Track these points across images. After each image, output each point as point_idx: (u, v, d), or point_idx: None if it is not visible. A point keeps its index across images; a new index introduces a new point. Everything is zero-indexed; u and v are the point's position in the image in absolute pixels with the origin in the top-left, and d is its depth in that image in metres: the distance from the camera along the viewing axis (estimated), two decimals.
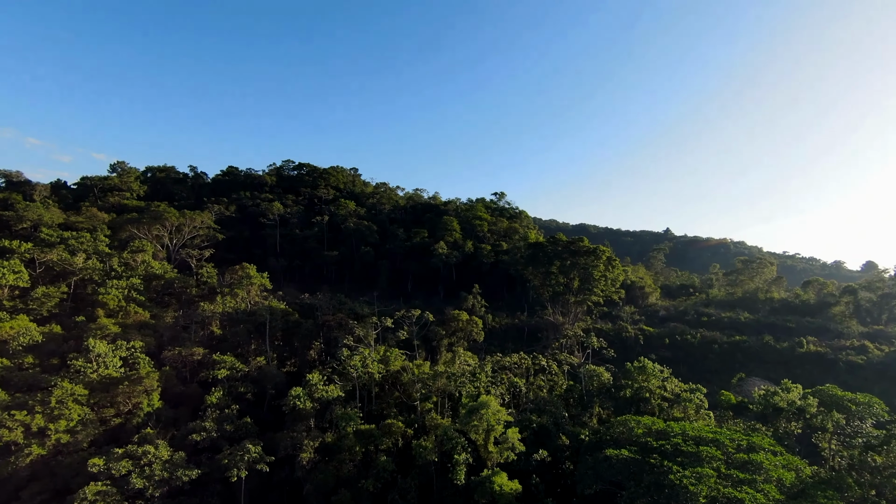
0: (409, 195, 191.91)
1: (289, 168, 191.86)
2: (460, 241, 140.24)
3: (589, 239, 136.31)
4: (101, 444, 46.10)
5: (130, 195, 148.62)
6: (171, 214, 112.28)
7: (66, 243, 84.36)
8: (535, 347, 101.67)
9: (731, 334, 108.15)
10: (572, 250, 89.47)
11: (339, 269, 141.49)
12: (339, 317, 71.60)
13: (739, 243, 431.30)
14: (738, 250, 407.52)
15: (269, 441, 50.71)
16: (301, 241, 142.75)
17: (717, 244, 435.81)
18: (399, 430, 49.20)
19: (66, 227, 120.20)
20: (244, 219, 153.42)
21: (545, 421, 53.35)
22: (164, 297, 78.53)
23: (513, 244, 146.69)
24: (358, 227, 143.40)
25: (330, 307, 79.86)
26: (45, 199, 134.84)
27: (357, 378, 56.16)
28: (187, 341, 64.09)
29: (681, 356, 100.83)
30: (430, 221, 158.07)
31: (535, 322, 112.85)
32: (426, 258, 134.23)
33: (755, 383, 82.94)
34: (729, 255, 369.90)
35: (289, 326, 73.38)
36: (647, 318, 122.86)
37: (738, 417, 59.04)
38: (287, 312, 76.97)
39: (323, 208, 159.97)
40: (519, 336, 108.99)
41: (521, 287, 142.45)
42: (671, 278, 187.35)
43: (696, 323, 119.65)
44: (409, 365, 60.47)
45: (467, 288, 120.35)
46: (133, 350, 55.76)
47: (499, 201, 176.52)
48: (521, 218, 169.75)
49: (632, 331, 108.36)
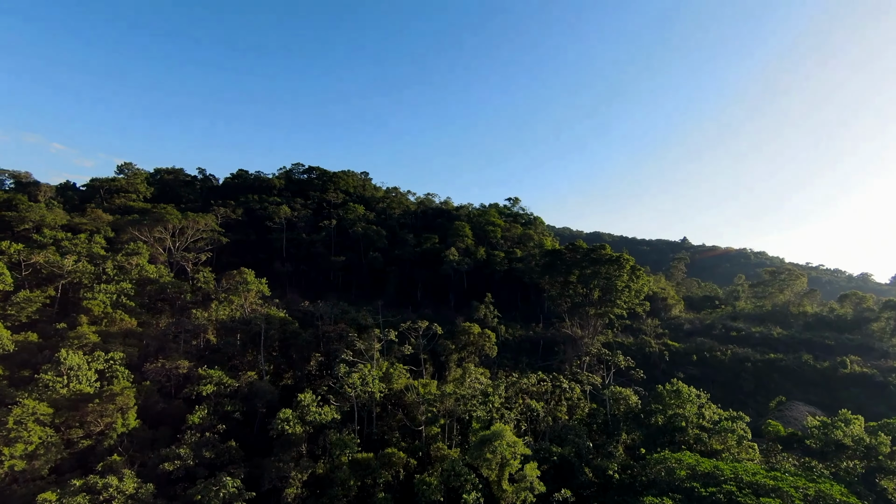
0: (420, 200, 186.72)
1: (298, 171, 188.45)
2: (472, 247, 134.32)
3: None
4: (66, 471, 40.93)
5: (137, 197, 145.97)
6: (172, 216, 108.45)
7: (58, 245, 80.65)
8: (552, 362, 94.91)
9: (765, 351, 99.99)
10: (593, 258, 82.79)
11: (347, 275, 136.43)
12: (341, 327, 66.03)
13: (760, 253, 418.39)
14: (759, 261, 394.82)
15: (256, 468, 45.14)
16: (308, 245, 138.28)
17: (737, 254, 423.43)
18: (400, 460, 43.16)
19: (69, 228, 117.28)
20: (251, 222, 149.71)
21: (567, 452, 46.84)
22: (156, 302, 73.90)
23: (527, 251, 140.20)
24: (366, 232, 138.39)
25: (332, 316, 74.35)
26: (49, 201, 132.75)
27: (356, 398, 50.37)
28: (175, 352, 59.05)
29: (710, 375, 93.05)
30: (442, 227, 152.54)
31: (551, 334, 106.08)
32: (437, 265, 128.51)
33: (797, 408, 75.03)
34: (749, 266, 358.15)
35: (286, 337, 67.99)
36: (672, 332, 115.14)
37: (787, 451, 51.85)
38: (286, 321, 71.68)
39: (331, 212, 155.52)
40: (534, 349, 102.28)
41: (535, 296, 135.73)
42: (693, 289, 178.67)
43: (725, 338, 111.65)
44: (415, 383, 54.50)
45: (479, 297, 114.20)
46: (112, 362, 50.79)
47: (513, 207, 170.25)
48: (535, 224, 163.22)
49: (655, 346, 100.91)
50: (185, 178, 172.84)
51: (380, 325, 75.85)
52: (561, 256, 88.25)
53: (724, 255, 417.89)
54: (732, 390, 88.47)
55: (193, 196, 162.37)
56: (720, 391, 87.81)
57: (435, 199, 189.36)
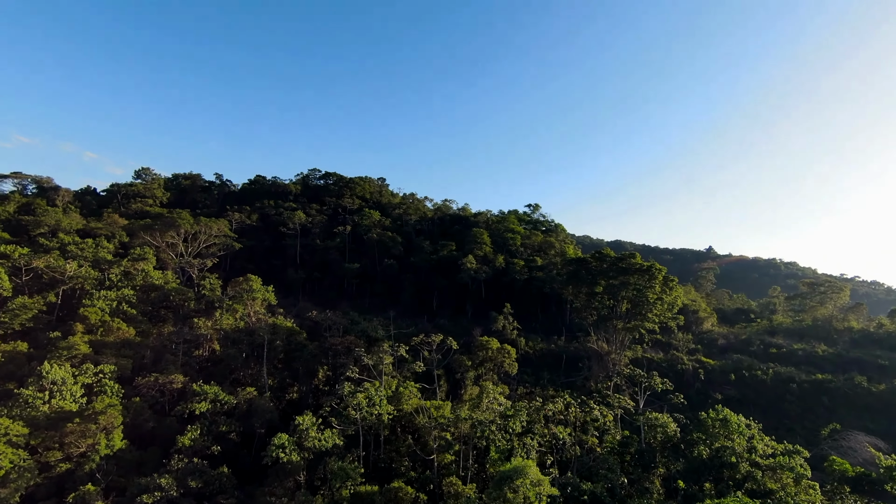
0: (437, 206, 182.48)
1: (315, 177, 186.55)
2: (490, 255, 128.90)
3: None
4: (40, 499, 37.10)
5: (153, 202, 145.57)
6: (184, 221, 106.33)
7: (64, 249, 78.65)
8: (575, 378, 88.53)
9: (811, 371, 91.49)
10: (622, 268, 76.54)
11: (361, 282, 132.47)
12: (349, 340, 61.51)
13: (791, 264, 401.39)
14: (790, 271, 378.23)
15: (250, 497, 40.64)
16: (322, 252, 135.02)
17: (766, 264, 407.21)
18: (408, 496, 38.00)
19: (84, 233, 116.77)
20: (266, 228, 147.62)
21: (599, 490, 40.90)
22: (160, 310, 70.76)
23: (548, 260, 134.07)
24: (381, 239, 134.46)
25: (341, 327, 70.01)
26: (67, 205, 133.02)
27: (361, 420, 45.53)
28: (173, 364, 55.34)
29: (750, 396, 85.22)
30: (459, 234, 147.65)
31: (575, 348, 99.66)
32: (453, 273, 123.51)
33: (855, 438, 66.98)
34: (780, 277, 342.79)
35: (292, 349, 63.86)
36: (705, 348, 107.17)
37: (856, 492, 44.76)
38: (293, 332, 67.67)
39: (346, 218, 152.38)
40: (556, 364, 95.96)
41: (556, 307, 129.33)
42: (725, 301, 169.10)
43: (764, 355, 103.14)
44: (427, 404, 49.39)
45: (498, 306, 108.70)
46: (101, 375, 47.18)
47: (533, 213, 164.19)
48: (556, 232, 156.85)
49: (688, 362, 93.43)
50: (203, 183, 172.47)
51: (391, 336, 71.13)
52: (586, 265, 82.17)
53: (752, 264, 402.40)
54: (776, 415, 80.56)
55: (210, 201, 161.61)
56: (762, 415, 79.95)
57: (452, 206, 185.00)
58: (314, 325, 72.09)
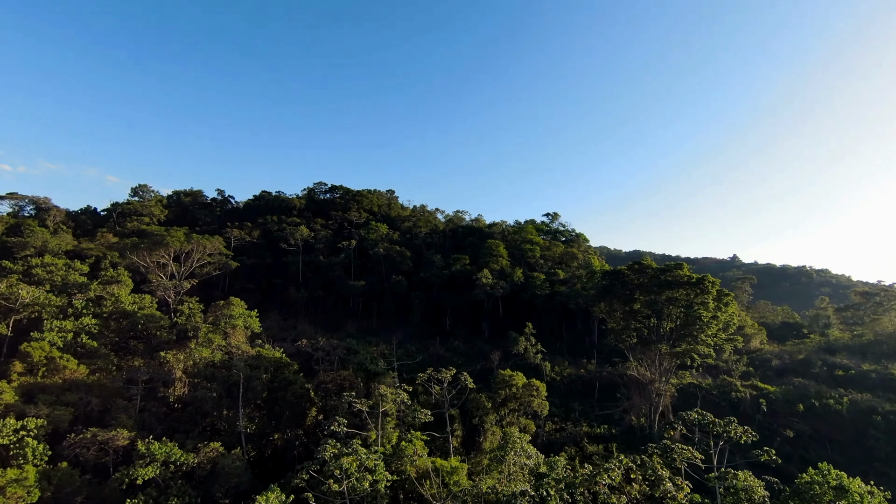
0: (448, 217, 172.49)
1: (321, 191, 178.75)
2: (508, 268, 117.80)
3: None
4: None
5: (150, 220, 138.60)
6: (174, 239, 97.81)
7: (29, 272, 70.15)
8: (612, 411, 76.15)
9: (892, 399, 77.40)
10: (667, 281, 64.77)
11: (367, 301, 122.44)
12: (343, 376, 50.83)
13: (823, 271, 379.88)
14: (823, 279, 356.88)
15: None
16: (325, 269, 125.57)
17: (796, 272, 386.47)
18: None
19: (74, 254, 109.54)
20: (268, 245, 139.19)
21: None
22: (128, 341, 61.25)
23: (571, 272, 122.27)
24: (388, 253, 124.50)
25: (336, 356, 59.43)
26: (58, 225, 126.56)
27: (350, 490, 34.58)
28: (125, 411, 45.26)
29: (825, 431, 71.56)
30: (473, 246, 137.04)
31: (608, 374, 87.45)
32: (467, 289, 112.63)
33: None
34: (812, 286, 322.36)
35: (276, 386, 53.40)
36: (758, 370, 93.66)
37: None
38: (281, 364, 57.36)
39: (352, 232, 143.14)
40: (587, 392, 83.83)
41: (583, 324, 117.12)
42: (767, 315, 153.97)
43: (829, 378, 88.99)
44: (437, 464, 38.24)
45: (517, 325, 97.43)
46: (25, 433, 37.23)
47: (551, 223, 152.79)
48: (578, 241, 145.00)
49: (743, 389, 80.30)
50: (204, 200, 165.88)
51: (394, 367, 60.15)
52: (623, 279, 70.44)
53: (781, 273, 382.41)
54: (860, 455, 66.81)
55: (210, 218, 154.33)
56: (842, 455, 66.75)
57: (465, 217, 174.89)
58: (306, 355, 61.72)
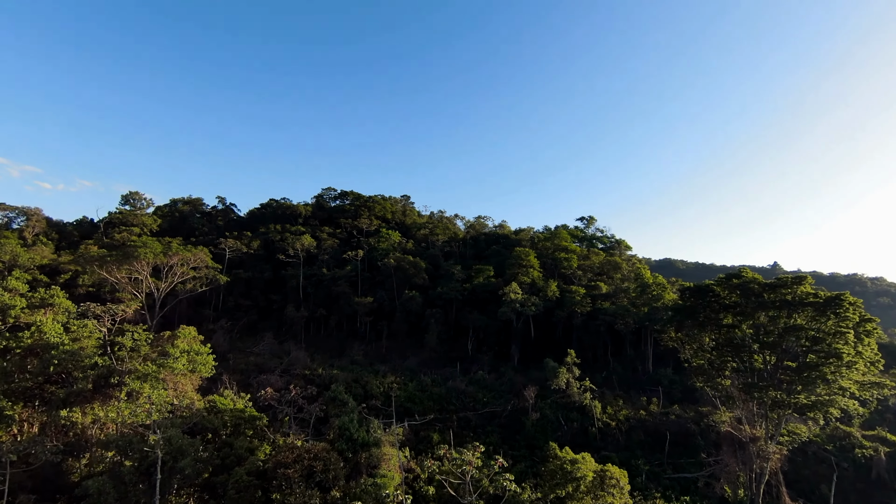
0: (469, 224, 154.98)
1: (330, 196, 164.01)
2: (540, 281, 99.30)
3: (679, 277, 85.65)
4: None
5: (140, 230, 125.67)
6: (147, 251, 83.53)
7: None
8: (696, 475, 56.47)
9: None
10: (782, 301, 45.67)
11: (376, 320, 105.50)
12: (315, 451, 33.44)
13: (878, 280, 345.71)
14: (880, 288, 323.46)
15: None
16: (328, 283, 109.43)
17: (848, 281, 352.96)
18: None
19: (50, 269, 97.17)
20: (268, 256, 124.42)
21: None
22: (44, 386, 45.45)
23: (615, 285, 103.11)
24: (400, 264, 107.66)
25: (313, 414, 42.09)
26: (37, 237, 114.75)
27: None
28: None
29: None
30: (497, 255, 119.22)
31: (677, 420, 67.80)
32: (493, 306, 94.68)
33: None
34: (868, 295, 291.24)
35: (223, 464, 36.48)
36: (875, 414, 72.35)
37: None
38: (240, 421, 40.87)
39: (361, 241, 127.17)
40: (654, 444, 63.91)
41: (632, 349, 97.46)
42: None
43: None
44: None
45: (552, 348, 79.80)
46: None
47: (587, 228, 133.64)
48: (620, 249, 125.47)
49: (868, 443, 59.77)
50: (203, 208, 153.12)
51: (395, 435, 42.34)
52: (710, 298, 51.22)
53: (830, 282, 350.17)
54: None
55: (209, 228, 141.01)
56: None
57: (488, 223, 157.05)
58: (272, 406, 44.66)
